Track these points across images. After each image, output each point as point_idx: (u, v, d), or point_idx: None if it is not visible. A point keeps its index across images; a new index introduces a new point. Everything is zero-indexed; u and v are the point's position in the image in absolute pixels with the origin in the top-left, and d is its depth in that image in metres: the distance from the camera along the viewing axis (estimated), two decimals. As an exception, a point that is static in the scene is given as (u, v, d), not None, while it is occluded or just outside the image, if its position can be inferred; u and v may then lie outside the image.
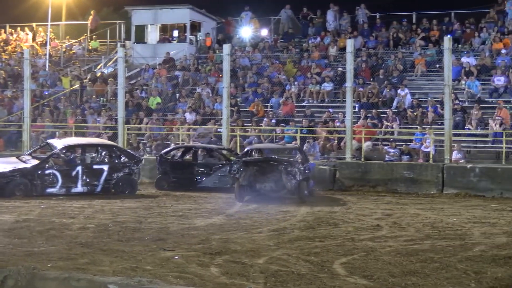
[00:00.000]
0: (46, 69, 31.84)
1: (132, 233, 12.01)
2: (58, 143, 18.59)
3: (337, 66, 27.02)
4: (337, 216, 14.50)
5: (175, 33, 33.42)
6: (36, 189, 17.31)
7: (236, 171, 17.20)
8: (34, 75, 29.31)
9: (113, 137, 23.47)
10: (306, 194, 17.19)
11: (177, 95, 27.02)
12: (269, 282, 8.50)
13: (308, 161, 18.55)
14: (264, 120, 24.04)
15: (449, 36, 22.18)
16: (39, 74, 30.87)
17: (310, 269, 9.27)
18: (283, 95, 25.70)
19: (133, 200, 16.98)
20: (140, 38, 33.80)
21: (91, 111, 26.37)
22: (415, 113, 23.04)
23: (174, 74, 28.85)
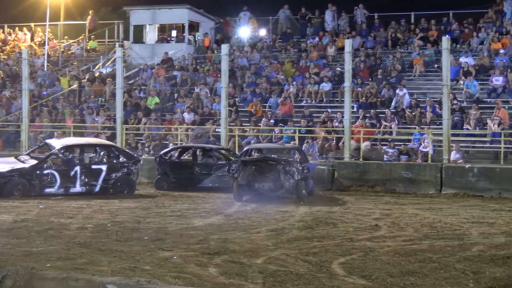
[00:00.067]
0: (45, 69, 31.80)
1: (131, 233, 12.00)
2: (57, 143, 18.57)
3: (336, 66, 27.00)
4: (336, 216, 14.50)
5: (174, 33, 33.43)
6: (35, 189, 17.29)
7: (235, 171, 17.18)
8: (33, 75, 29.25)
9: (112, 137, 23.48)
10: (305, 194, 17.10)
11: (176, 95, 27.01)
12: (268, 282, 8.50)
13: (308, 161, 18.51)
14: (263, 120, 24.04)
15: (448, 36, 22.22)
16: (38, 74, 30.85)
17: (309, 269, 9.26)
18: (282, 95, 25.69)
19: (132, 200, 16.97)
20: (139, 38, 33.82)
21: (90, 111, 26.37)
22: (414, 113, 23.05)
23: (173, 74, 28.84)
